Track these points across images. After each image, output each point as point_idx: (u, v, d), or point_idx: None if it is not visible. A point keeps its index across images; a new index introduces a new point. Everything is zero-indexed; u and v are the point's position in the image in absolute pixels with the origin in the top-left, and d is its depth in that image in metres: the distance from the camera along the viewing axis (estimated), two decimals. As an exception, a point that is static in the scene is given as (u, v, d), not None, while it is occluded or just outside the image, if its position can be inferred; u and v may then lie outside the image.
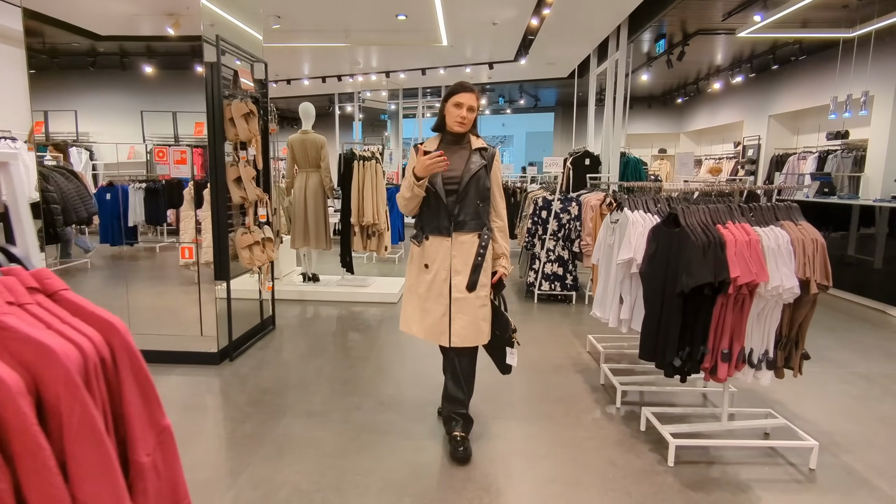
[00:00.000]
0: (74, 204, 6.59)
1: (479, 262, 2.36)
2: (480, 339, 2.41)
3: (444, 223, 2.36)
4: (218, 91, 3.35)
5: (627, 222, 2.88)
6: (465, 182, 2.33)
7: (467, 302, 2.36)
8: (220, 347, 3.59)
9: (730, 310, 2.34)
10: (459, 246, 2.36)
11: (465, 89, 2.35)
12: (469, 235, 2.37)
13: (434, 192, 2.36)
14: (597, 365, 3.70)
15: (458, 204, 2.34)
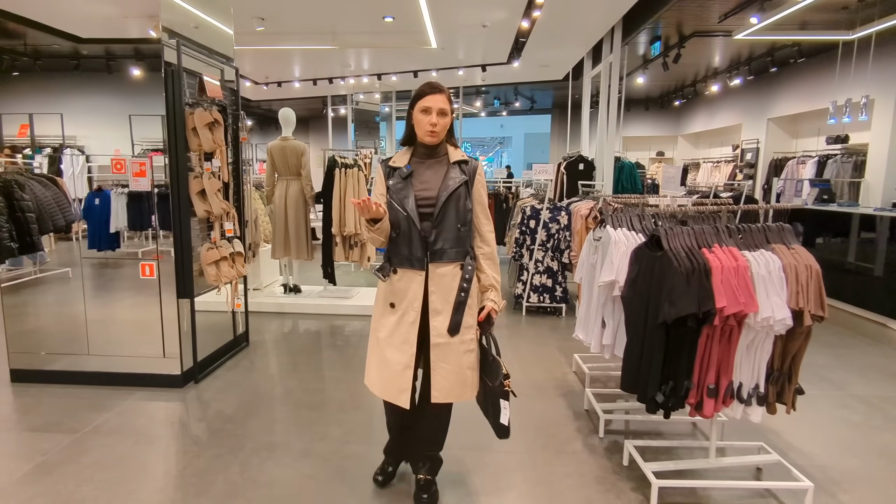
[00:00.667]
0: (51, 212, 6.42)
1: (463, 299, 1.96)
2: (466, 392, 2.02)
3: (418, 253, 1.96)
4: (179, 97, 3.17)
5: (610, 241, 2.69)
6: (443, 202, 1.95)
7: (450, 348, 1.97)
8: (185, 369, 3.40)
9: (716, 342, 2.16)
10: (438, 280, 1.97)
11: (432, 90, 1.96)
12: (449, 266, 1.98)
13: (405, 215, 1.96)
14: (582, 387, 3.51)
15: (435, 229, 1.97)
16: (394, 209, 1.98)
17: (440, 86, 1.97)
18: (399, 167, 2.02)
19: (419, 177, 2.00)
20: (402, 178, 2.00)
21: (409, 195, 1.97)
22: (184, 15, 3.50)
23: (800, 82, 9.33)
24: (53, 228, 6.76)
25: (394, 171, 2.04)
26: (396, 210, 1.97)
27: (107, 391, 3.32)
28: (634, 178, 8.51)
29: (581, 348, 3.91)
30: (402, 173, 2.01)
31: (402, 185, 1.99)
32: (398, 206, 1.97)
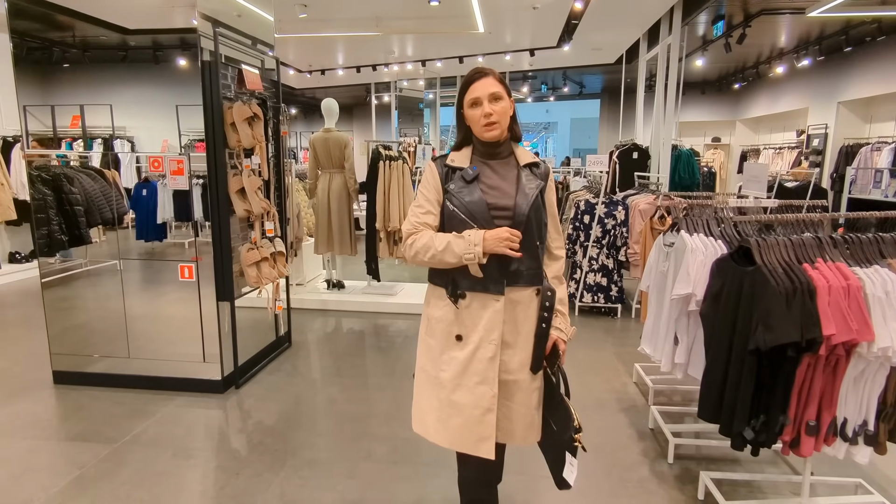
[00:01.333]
0: (99, 205, 6.52)
1: (544, 331, 1.62)
2: (531, 435, 1.70)
3: (495, 274, 1.58)
4: (217, 91, 3.03)
5: (685, 248, 2.40)
6: (524, 214, 1.58)
7: (518, 386, 1.63)
8: (226, 374, 3.31)
9: (819, 372, 1.85)
10: (511, 307, 1.61)
11: (477, 75, 1.61)
12: (525, 291, 1.62)
13: (476, 227, 1.57)
14: (645, 402, 3.24)
15: None
16: (459, 219, 1.60)
17: (484, 68, 1.63)
18: (462, 167, 1.64)
19: (485, 180, 1.63)
20: (467, 181, 1.61)
21: (479, 202, 1.58)
22: (223, 2, 3.36)
23: (876, 62, 8.53)
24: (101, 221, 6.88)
25: (453, 171, 1.65)
26: (462, 221, 1.59)
27: (147, 396, 3.26)
28: (692, 168, 8.02)
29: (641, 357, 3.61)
30: (468, 175, 1.62)
31: (469, 191, 1.60)
32: (464, 214, 1.59)
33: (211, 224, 3.14)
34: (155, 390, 3.33)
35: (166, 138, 4.19)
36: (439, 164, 1.68)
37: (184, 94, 3.48)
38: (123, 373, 3.39)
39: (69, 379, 3.45)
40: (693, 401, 3.28)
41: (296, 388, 3.45)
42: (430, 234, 1.60)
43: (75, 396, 3.30)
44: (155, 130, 4.02)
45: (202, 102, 3.04)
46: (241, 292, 3.37)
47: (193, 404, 3.19)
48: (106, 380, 3.40)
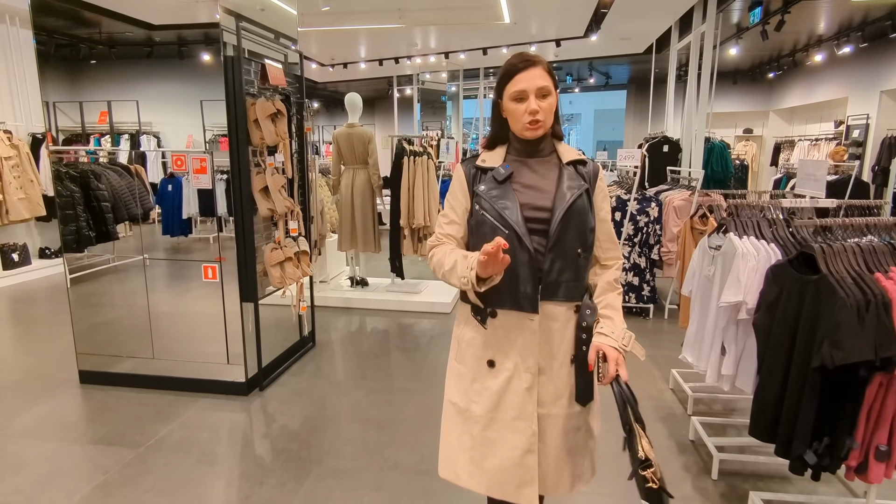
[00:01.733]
0: (126, 201, 6.55)
1: (585, 354, 1.38)
2: (562, 485, 1.45)
3: (527, 287, 1.36)
4: (240, 88, 2.94)
5: (735, 253, 2.23)
6: (560, 216, 1.36)
7: (552, 422, 1.41)
8: (250, 375, 3.25)
9: (892, 393, 1.69)
10: (546, 325, 1.39)
11: (525, 63, 1.37)
12: (562, 308, 1.40)
13: (506, 233, 1.36)
14: (683, 411, 3.08)
15: (550, 253, 1.37)
16: (489, 225, 1.39)
17: (533, 56, 1.39)
18: (493, 167, 1.44)
19: (520, 179, 1.43)
20: (499, 181, 1.41)
21: (511, 204, 1.38)
22: None
23: (925, 48, 8.10)
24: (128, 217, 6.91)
25: (484, 173, 1.45)
26: (493, 226, 1.38)
27: (172, 397, 3.22)
28: (726, 161, 7.74)
29: (677, 361, 3.46)
30: (499, 174, 1.42)
31: (500, 192, 1.40)
32: (494, 218, 1.38)
33: (234, 223, 3.07)
34: (180, 391, 3.29)
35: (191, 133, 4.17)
36: (467, 166, 1.49)
37: (208, 90, 3.42)
38: (148, 373, 3.35)
39: (95, 379, 3.43)
40: (735, 410, 3.12)
41: (320, 390, 3.37)
42: (446, 250, 1.42)
43: (101, 397, 3.28)
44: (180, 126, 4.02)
45: (225, 99, 2.95)
46: (264, 293, 3.30)
47: (217, 407, 3.13)
48: (131, 380, 3.37)
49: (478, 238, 1.42)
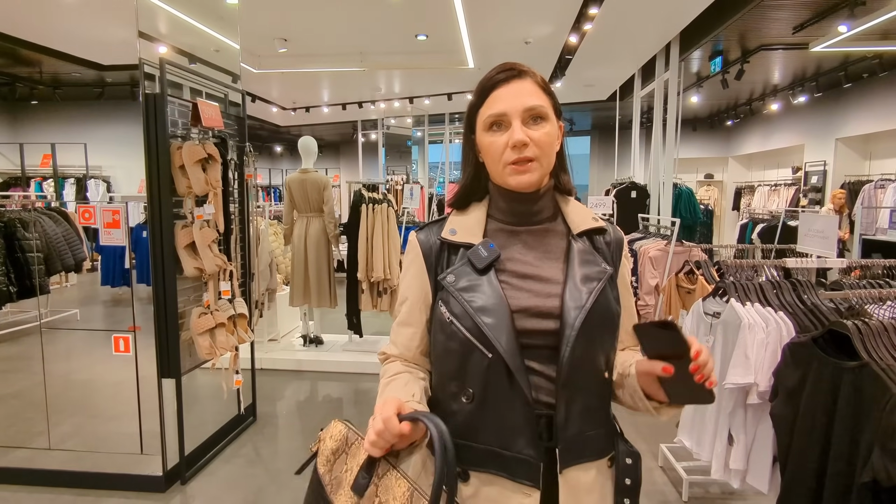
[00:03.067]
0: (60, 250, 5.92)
1: None
2: None
3: (524, 447, 0.88)
4: (163, 128, 2.53)
5: (740, 323, 1.90)
6: (577, 330, 0.88)
7: None
8: (169, 467, 2.70)
9: (961, 513, 1.33)
10: (572, 499, 0.90)
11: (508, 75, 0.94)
12: (593, 469, 0.93)
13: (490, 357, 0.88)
14: (678, 496, 2.68)
15: (567, 390, 0.89)
16: (460, 341, 0.90)
17: (519, 65, 0.96)
18: (467, 243, 0.95)
19: (510, 265, 0.95)
20: (478, 268, 0.92)
21: (498, 309, 0.89)
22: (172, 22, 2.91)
23: (876, 98, 8.36)
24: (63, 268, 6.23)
25: (453, 249, 0.97)
26: (469, 346, 0.89)
27: (71, 497, 2.64)
28: (694, 207, 7.65)
29: (665, 434, 3.09)
30: (479, 257, 0.93)
31: (480, 287, 0.91)
32: (470, 334, 0.89)
33: (153, 287, 2.59)
34: (81, 489, 2.70)
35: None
36: (427, 236, 1.00)
37: None
38: (42, 467, 2.76)
39: (-24, 475, 2.82)
40: (734, 494, 2.74)
41: (256, 482, 2.84)
42: (385, 378, 0.97)
43: (-19, 498, 2.67)
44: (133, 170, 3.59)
45: (144, 142, 2.53)
46: (191, 365, 2.80)
47: (125, 510, 2.57)
48: (17, 476, 2.75)
49: (443, 357, 0.94)
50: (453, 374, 0.92)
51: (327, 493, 0.84)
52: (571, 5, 5.32)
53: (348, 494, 0.82)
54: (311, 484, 0.87)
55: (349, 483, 0.83)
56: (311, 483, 0.87)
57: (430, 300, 0.97)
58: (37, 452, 2.82)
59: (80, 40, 4.95)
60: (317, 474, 0.86)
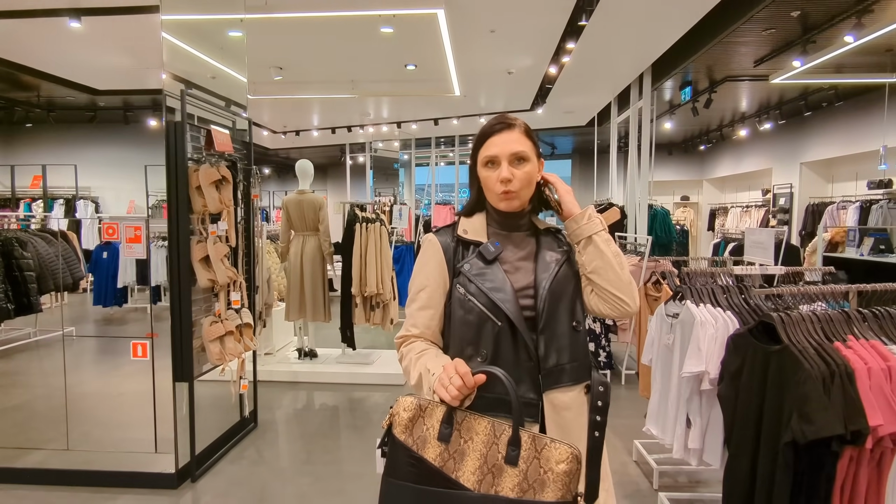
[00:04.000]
0: (53, 270, 6.08)
1: (598, 442, 1.16)
2: None
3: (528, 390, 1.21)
4: (182, 153, 2.81)
5: (694, 321, 2.21)
6: (547, 291, 1.24)
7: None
8: (181, 465, 2.91)
9: (864, 467, 1.63)
10: (556, 417, 1.23)
11: (499, 126, 1.28)
12: (572, 392, 1.25)
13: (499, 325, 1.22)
14: (649, 486, 2.95)
15: (544, 335, 1.23)
16: (477, 314, 1.23)
17: (509, 118, 1.29)
18: (477, 241, 1.30)
19: (507, 258, 1.30)
20: (487, 260, 1.26)
21: (505, 287, 1.22)
22: (193, 62, 3.21)
23: (835, 126, 8.93)
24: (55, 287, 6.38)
25: (467, 246, 1.30)
26: (483, 317, 1.22)
27: (87, 494, 2.82)
28: (668, 227, 8.05)
29: (639, 432, 3.37)
30: (488, 252, 1.27)
31: (490, 272, 1.25)
32: (484, 306, 1.22)
33: (170, 296, 2.83)
34: (97, 487, 2.89)
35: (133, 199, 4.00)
36: (445, 237, 1.32)
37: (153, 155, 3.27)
38: (60, 467, 2.94)
39: (-5, 476, 2.99)
40: (700, 482, 3.02)
41: (261, 479, 3.05)
42: (411, 356, 1.24)
43: (1, 498, 2.84)
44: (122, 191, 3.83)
45: (165, 165, 2.80)
46: (201, 370, 3.03)
47: (142, 503, 2.76)
48: (39, 476, 2.94)
49: (461, 328, 1.24)
50: (469, 340, 1.24)
51: (415, 451, 1.06)
52: (550, 40, 5.74)
53: (435, 445, 1.05)
54: (394, 452, 1.08)
55: (434, 437, 1.06)
56: (393, 451, 1.08)
57: (447, 286, 1.29)
58: (53, 454, 3.00)
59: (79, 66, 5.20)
60: (398, 442, 1.07)
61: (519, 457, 1.00)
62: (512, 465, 1.01)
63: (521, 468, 1.00)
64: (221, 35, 3.87)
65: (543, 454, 0.99)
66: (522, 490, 0.99)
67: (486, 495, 1.00)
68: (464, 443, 1.05)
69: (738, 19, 4.91)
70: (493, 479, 1.01)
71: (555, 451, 0.99)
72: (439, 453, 1.05)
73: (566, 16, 5.05)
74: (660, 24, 5.16)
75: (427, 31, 5.16)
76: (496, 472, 1.01)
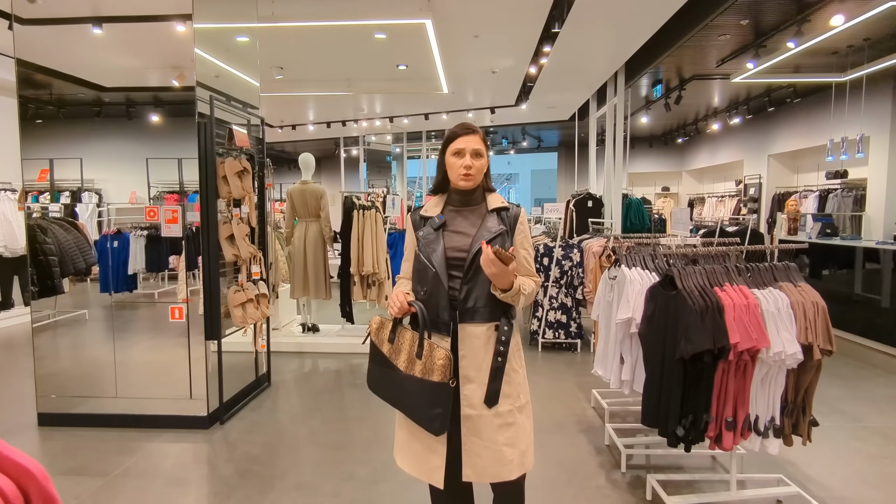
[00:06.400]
0: (72, 255, 6.62)
1: (501, 365, 1.70)
2: (503, 471, 1.72)
3: (444, 315, 1.72)
4: (211, 148, 3.37)
5: (625, 280, 2.82)
6: (474, 254, 1.71)
7: (483, 421, 1.70)
8: (211, 410, 3.50)
9: (732, 376, 2.25)
10: (470, 343, 1.72)
11: (465, 131, 1.78)
12: (482, 327, 1.72)
13: (433, 271, 1.74)
14: (601, 423, 3.57)
15: (467, 284, 1.72)
16: (422, 264, 1.79)
17: (473, 126, 1.80)
18: (431, 216, 1.83)
19: (452, 226, 1.80)
20: (434, 228, 1.79)
21: (438, 247, 1.75)
22: (213, 67, 3.74)
23: (797, 120, 9.57)
24: (74, 271, 6.94)
25: (425, 220, 1.84)
26: (425, 266, 1.77)
27: (133, 433, 3.41)
28: (642, 214, 8.67)
29: (599, 383, 3.99)
30: (434, 223, 1.80)
31: (434, 237, 1.78)
32: (426, 260, 1.77)
33: (202, 268, 3.41)
34: (141, 428, 3.47)
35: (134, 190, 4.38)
36: (414, 216, 1.90)
37: (155, 148, 3.74)
38: (109, 412, 3.52)
39: (54, 420, 3.56)
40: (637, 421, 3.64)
41: (279, 422, 3.65)
42: (399, 283, 1.91)
43: (61, 437, 3.41)
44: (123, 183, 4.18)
45: (198, 158, 3.36)
46: (226, 332, 3.60)
47: (181, 439, 3.35)
48: (91, 420, 3.52)
49: (416, 272, 1.83)
50: (418, 280, 1.82)
51: (378, 346, 1.83)
52: (529, 44, 6.32)
53: (387, 344, 1.80)
54: (371, 347, 1.86)
55: (386, 339, 1.80)
56: (370, 347, 1.86)
57: (415, 246, 1.86)
58: (103, 401, 3.57)
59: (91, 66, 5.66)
60: (371, 341, 1.86)
61: (422, 354, 1.69)
62: (419, 358, 1.70)
63: (423, 360, 1.68)
64: (232, 40, 4.40)
65: (433, 355, 1.67)
66: (423, 373, 1.68)
67: (409, 375, 1.71)
68: (400, 344, 1.77)
69: (695, 26, 5.49)
70: (412, 365, 1.71)
71: (437, 353, 1.66)
72: (388, 349, 1.79)
73: (541, 24, 5.63)
74: (626, 30, 5.74)
75: (417, 37, 5.72)
76: (413, 362, 1.71)
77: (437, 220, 1.81)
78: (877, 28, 5.80)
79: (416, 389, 1.68)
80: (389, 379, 1.77)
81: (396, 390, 1.76)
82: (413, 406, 1.71)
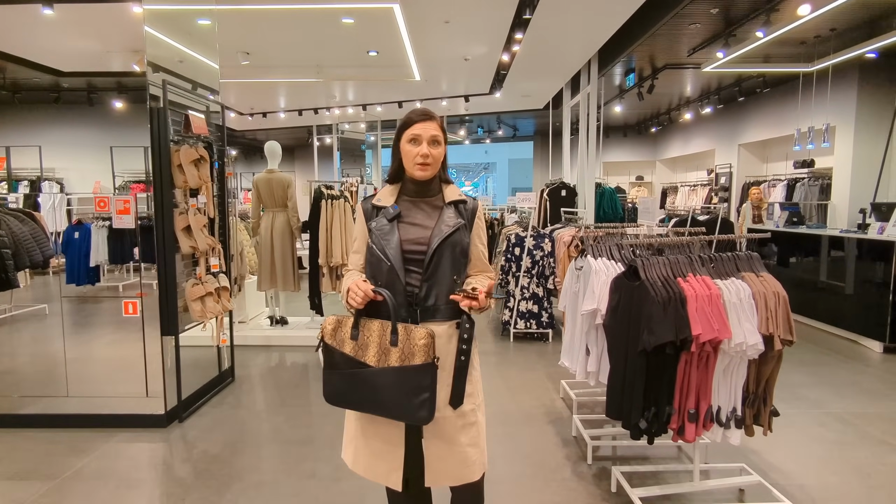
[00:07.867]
0: (28, 247, 6.35)
1: (464, 364, 1.61)
2: (466, 473, 1.67)
3: (402, 312, 1.61)
4: (165, 135, 3.22)
5: (591, 270, 2.78)
6: (435, 248, 1.62)
7: (447, 423, 1.63)
8: (169, 408, 3.37)
9: (694, 367, 2.23)
10: None
11: (421, 117, 1.66)
12: (444, 326, 1.64)
13: (388, 265, 1.63)
14: (570, 414, 3.55)
15: (427, 282, 1.63)
16: (375, 257, 1.67)
17: (430, 112, 1.69)
18: (384, 206, 1.71)
19: (408, 218, 1.70)
20: (388, 219, 1.68)
21: (393, 239, 1.64)
22: (168, 49, 3.57)
23: (766, 110, 9.68)
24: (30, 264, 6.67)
25: (378, 210, 1.71)
26: (379, 259, 1.65)
27: (86, 434, 3.27)
28: (615, 203, 8.70)
29: (568, 374, 3.96)
30: (388, 214, 1.68)
31: (388, 229, 1.67)
32: (380, 252, 1.65)
33: (157, 261, 3.27)
34: (95, 428, 3.34)
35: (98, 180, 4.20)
36: (366, 204, 1.76)
37: (120, 136, 3.58)
38: (61, 412, 3.38)
39: (1, 422, 3.39)
40: (611, 411, 3.63)
41: (240, 418, 3.55)
42: (349, 273, 1.74)
43: (8, 439, 3.25)
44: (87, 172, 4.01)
45: (150, 146, 3.20)
46: (184, 327, 3.48)
47: (136, 439, 3.23)
48: (41, 420, 3.37)
49: (370, 265, 1.70)
50: (372, 274, 1.69)
51: (337, 347, 1.62)
52: (500, 31, 6.22)
53: (350, 342, 1.60)
54: (327, 352, 1.63)
55: (348, 337, 1.61)
56: (326, 351, 1.64)
57: (367, 237, 1.73)
58: (55, 401, 3.41)
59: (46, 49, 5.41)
60: (327, 345, 1.63)
61: (398, 340, 1.56)
62: (394, 346, 1.55)
63: (400, 346, 1.55)
64: (192, 23, 4.22)
65: (411, 336, 1.54)
66: (401, 360, 1.54)
67: (382, 368, 1.56)
68: (366, 338, 1.59)
69: (667, 14, 5.47)
70: (385, 357, 1.56)
71: (417, 333, 1.54)
72: (352, 347, 1.60)
73: (512, 10, 5.54)
74: (598, 17, 5.69)
75: (385, 22, 5.58)
76: (386, 353, 1.56)
77: (391, 211, 1.70)
78: (843, 18, 5.86)
79: (394, 381, 1.54)
80: (357, 380, 1.59)
81: (368, 390, 1.58)
82: (391, 402, 1.55)
